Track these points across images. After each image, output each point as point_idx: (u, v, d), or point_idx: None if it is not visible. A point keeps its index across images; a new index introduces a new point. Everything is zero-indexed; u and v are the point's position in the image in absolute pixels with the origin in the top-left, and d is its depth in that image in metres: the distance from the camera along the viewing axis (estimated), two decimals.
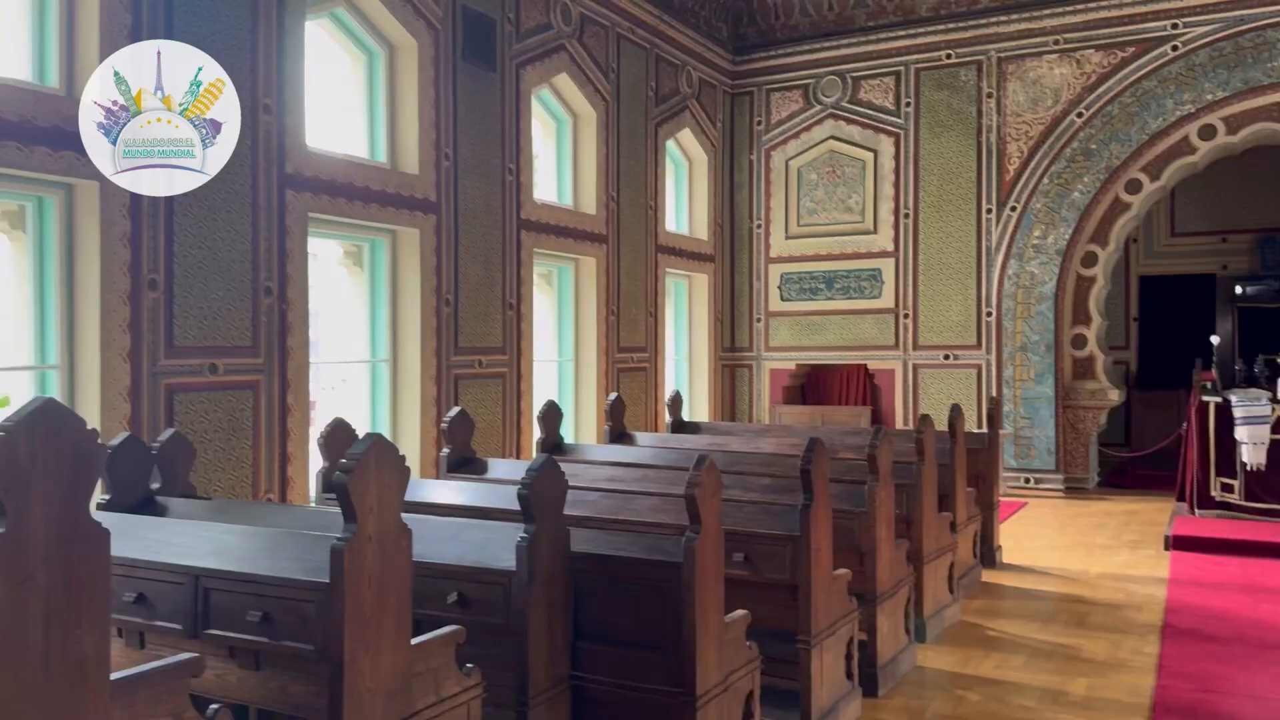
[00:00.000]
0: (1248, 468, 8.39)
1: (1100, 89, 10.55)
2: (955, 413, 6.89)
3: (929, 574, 5.68)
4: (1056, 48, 10.74)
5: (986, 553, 7.30)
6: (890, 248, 11.64)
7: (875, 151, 11.70)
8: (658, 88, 10.91)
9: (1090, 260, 10.91)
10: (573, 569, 3.58)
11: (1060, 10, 10.68)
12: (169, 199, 5.78)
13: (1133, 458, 11.89)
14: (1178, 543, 7.79)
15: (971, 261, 11.21)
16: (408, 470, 2.90)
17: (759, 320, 12.37)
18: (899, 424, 11.42)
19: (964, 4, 11.12)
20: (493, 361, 8.42)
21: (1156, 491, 10.32)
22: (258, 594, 3.08)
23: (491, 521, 4.21)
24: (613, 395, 7.66)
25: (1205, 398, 8.74)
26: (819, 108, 11.98)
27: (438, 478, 6.17)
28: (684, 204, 12.11)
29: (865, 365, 11.84)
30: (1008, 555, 7.61)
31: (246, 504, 5.43)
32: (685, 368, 12.15)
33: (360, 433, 4.51)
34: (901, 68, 11.52)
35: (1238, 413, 8.44)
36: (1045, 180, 10.81)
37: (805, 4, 11.82)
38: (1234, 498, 8.50)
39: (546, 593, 3.42)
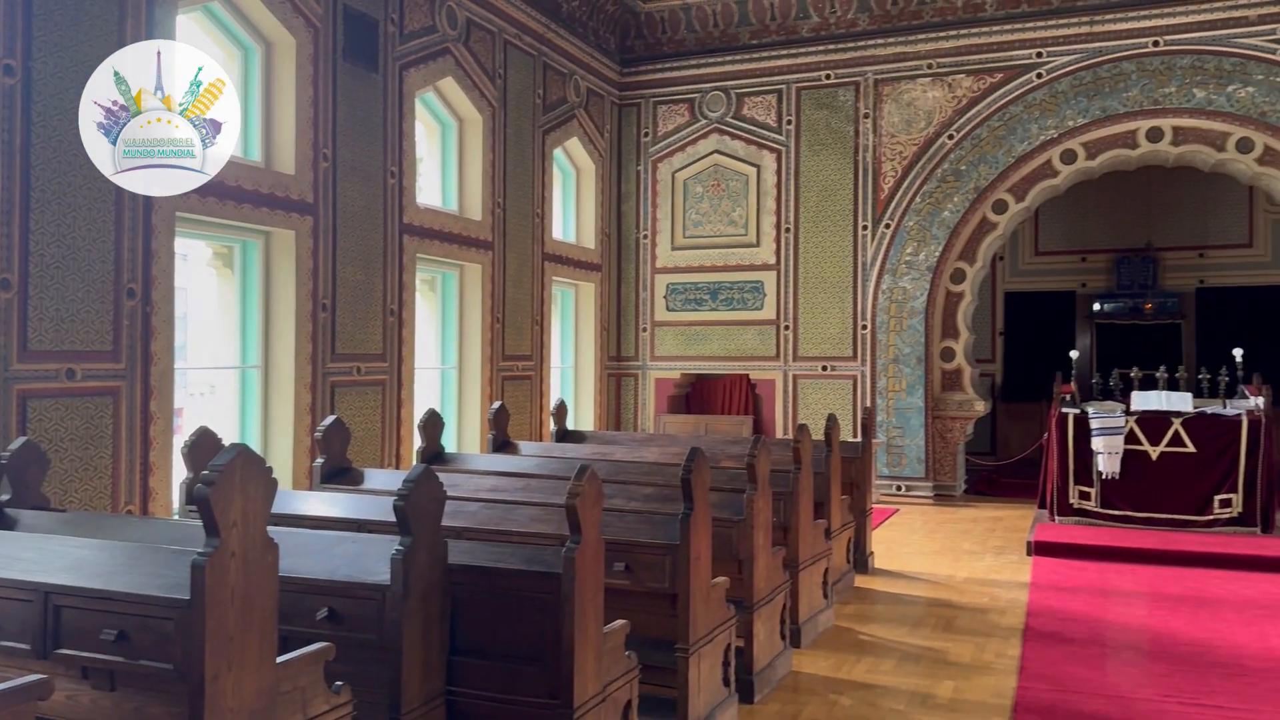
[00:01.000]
0: (1103, 476, 8.87)
1: (970, 112, 11.02)
2: (831, 423, 7.07)
3: (804, 580, 5.80)
4: (930, 71, 11.18)
5: (859, 558, 7.51)
6: (772, 261, 11.88)
7: (758, 166, 11.94)
8: (545, 96, 10.89)
9: (959, 277, 11.37)
10: (450, 582, 3.52)
11: (933, 36, 11.12)
12: (25, 192, 5.47)
13: (998, 466, 12.42)
14: (1039, 548, 8.16)
15: (848, 276, 11.54)
16: (275, 482, 2.80)
17: (645, 330, 12.46)
18: (779, 433, 11.66)
19: (843, 26, 11.47)
20: (372, 369, 8.23)
21: (1020, 499, 10.81)
22: (113, 611, 2.92)
23: (366, 534, 4.11)
24: (496, 404, 7.58)
25: (1065, 410, 9.19)
26: (704, 122, 12.16)
27: (311, 489, 5.99)
28: (571, 213, 12.10)
29: (747, 375, 12.05)
30: (880, 561, 7.85)
31: (104, 516, 5.15)
32: (571, 376, 12.13)
33: (229, 442, 4.34)
34: (783, 86, 11.80)
35: (1094, 424, 8.91)
36: (918, 199, 11.22)
37: (691, 20, 11.99)
38: (1091, 505, 8.97)
39: (422, 606, 3.36)
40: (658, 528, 4.56)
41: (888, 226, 11.37)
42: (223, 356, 7.49)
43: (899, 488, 11.19)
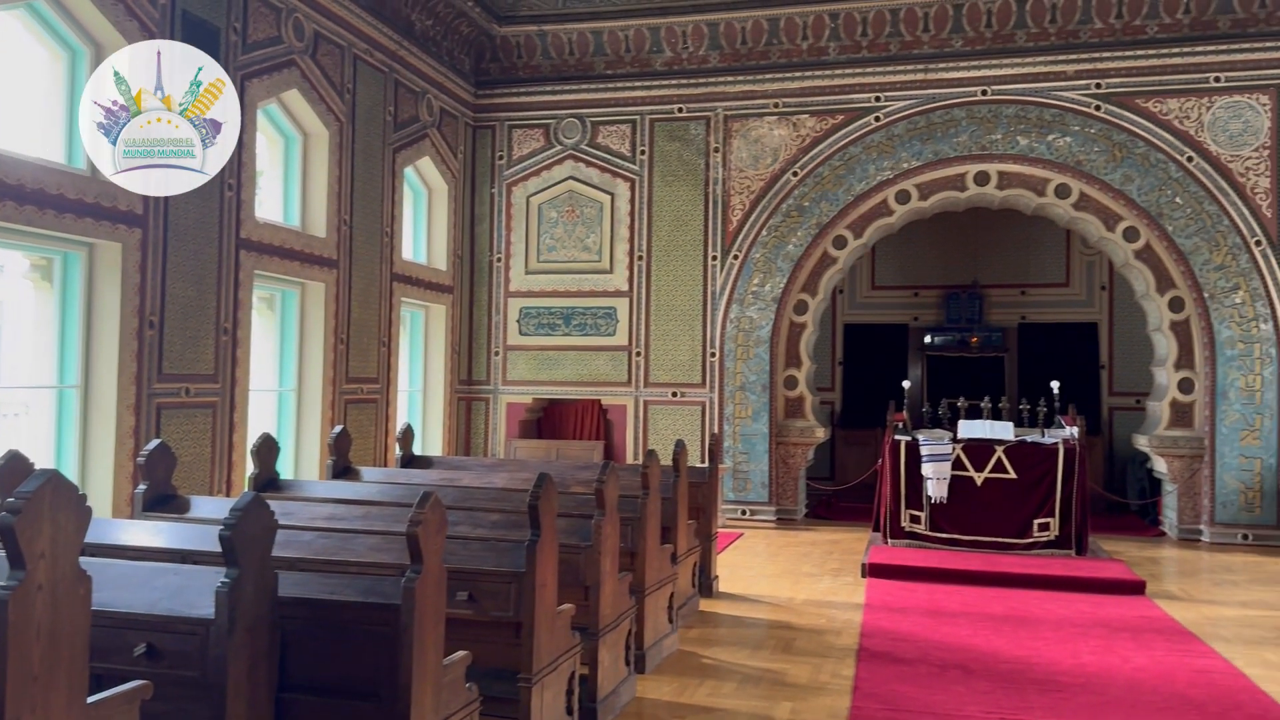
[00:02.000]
0: (933, 501, 9.31)
1: (813, 151, 11.47)
2: (679, 448, 7.17)
3: (650, 605, 5.84)
4: (776, 110, 11.58)
5: (704, 582, 7.62)
6: (625, 288, 12.00)
7: (612, 194, 12.07)
8: (396, 113, 10.69)
9: (802, 308, 11.77)
10: (280, 615, 3.36)
11: (780, 76, 11.54)
12: None
13: (836, 491, 12.87)
14: (873, 570, 8.48)
15: (698, 304, 11.77)
16: (89, 510, 2.62)
17: (497, 353, 12.34)
18: (630, 458, 11.75)
19: (694, 62, 11.76)
20: (202, 390, 7.83)
21: (857, 522, 11.22)
22: None
23: (190, 566, 3.89)
24: (337, 428, 7.33)
25: (897, 437, 9.62)
26: (559, 148, 12.20)
27: (131, 517, 5.63)
28: (422, 233, 11.90)
29: (599, 400, 12.09)
30: (724, 584, 7.98)
31: None
32: (419, 400, 11.87)
33: (41, 467, 4.03)
34: (637, 117, 11.98)
35: (924, 451, 9.35)
36: (764, 232, 11.58)
37: (548, 47, 12.05)
38: (921, 528, 9.39)
39: (249, 641, 3.19)
40: (503, 555, 4.50)
41: (736, 257, 11.67)
42: (39, 375, 6.98)
43: (744, 512, 11.44)
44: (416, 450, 9.90)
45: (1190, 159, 10.45)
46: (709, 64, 11.74)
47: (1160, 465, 10.87)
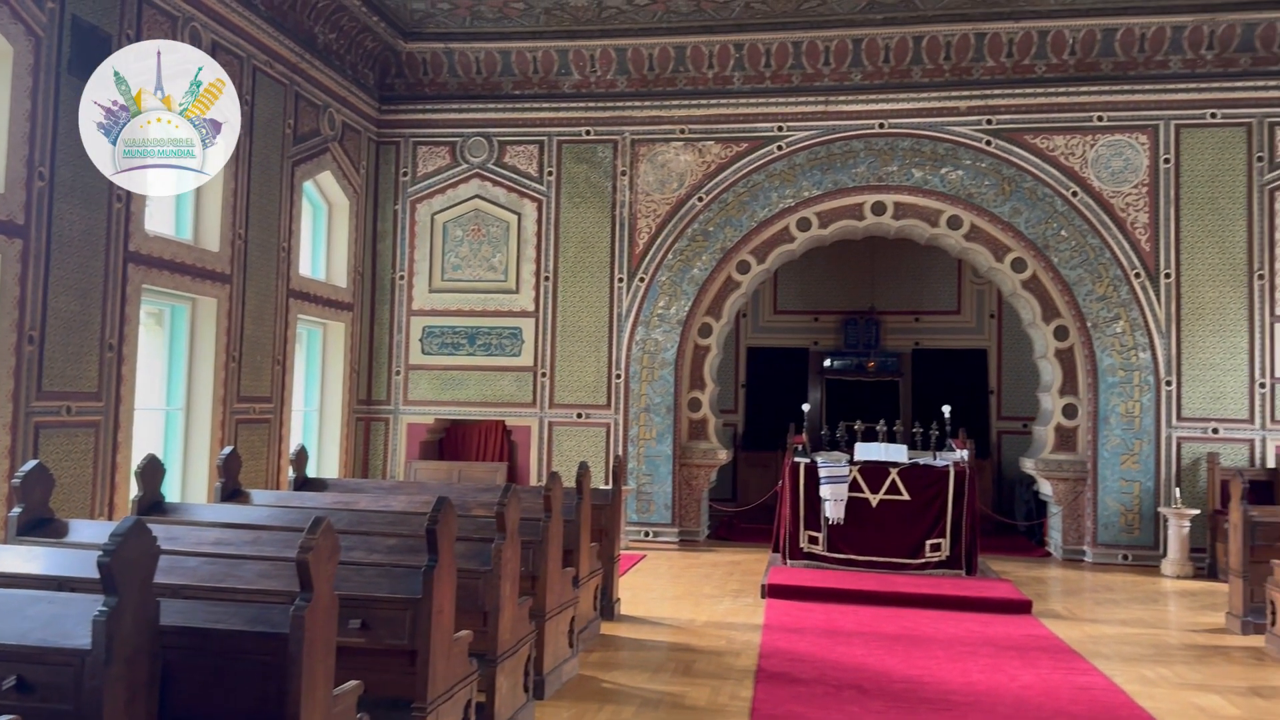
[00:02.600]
0: (830, 522, 9.49)
1: (719, 177, 11.65)
2: (582, 470, 7.15)
3: (551, 630, 5.79)
4: (682, 136, 11.74)
5: (606, 605, 7.59)
6: (531, 308, 11.95)
7: (519, 214, 12.03)
8: (297, 126, 10.47)
9: (706, 331, 11.91)
10: (161, 645, 3.23)
11: (686, 103, 11.70)
12: None
13: (738, 512, 13.00)
14: (772, 591, 8.58)
15: (604, 326, 11.80)
16: None
17: (398, 373, 12.13)
18: (534, 480, 11.67)
19: (603, 86, 11.84)
20: (85, 409, 7.48)
21: (757, 543, 11.35)
22: None
23: (66, 594, 3.70)
24: (227, 449, 7.09)
25: (797, 459, 9.79)
26: (466, 166, 12.12)
27: (4, 542, 5.34)
28: (322, 248, 11.65)
29: (503, 422, 11.99)
30: (626, 607, 7.97)
31: None
32: (315, 420, 11.58)
33: None
34: (545, 138, 11.99)
35: (822, 473, 9.54)
36: (670, 256, 11.69)
37: (454, 65, 11.97)
38: (819, 549, 9.56)
39: (127, 673, 3.05)
40: (399, 581, 4.41)
41: (642, 280, 11.74)
42: None
43: (647, 533, 11.46)
44: (311, 472, 9.67)
45: (1075, 194, 10.96)
46: (617, 88, 11.83)
47: (1046, 488, 11.30)
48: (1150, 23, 10.56)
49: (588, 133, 11.92)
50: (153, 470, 6.17)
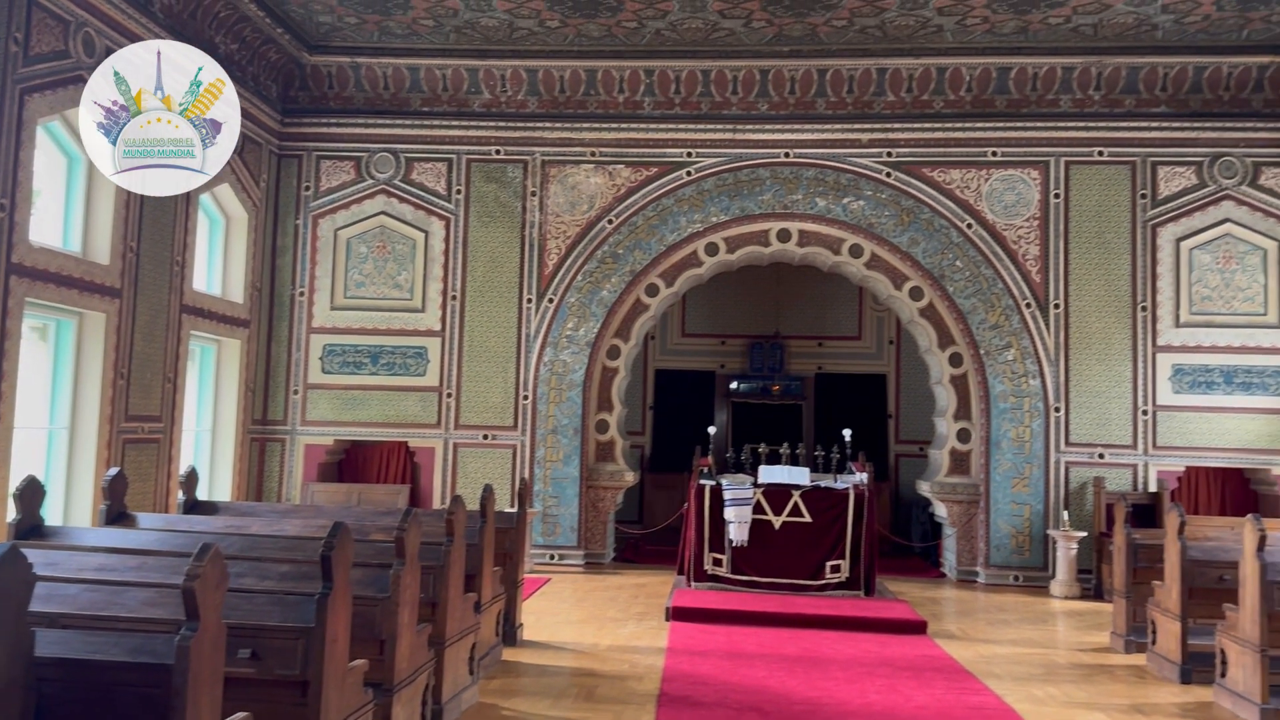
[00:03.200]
0: (734, 544, 9.57)
1: (629, 200, 11.72)
2: (487, 493, 7.07)
3: (450, 657, 5.68)
4: (593, 159, 11.78)
5: (509, 631, 7.50)
6: (437, 327, 11.80)
7: (426, 232, 11.88)
8: None
9: (615, 353, 11.93)
10: (36, 677, 3.06)
11: (597, 126, 11.76)
12: None
13: (644, 534, 13.00)
14: (676, 614, 8.60)
15: (512, 347, 11.72)
16: None
17: (296, 392, 11.81)
18: (437, 502, 11.48)
19: (513, 106, 11.81)
20: None
21: (663, 565, 11.37)
22: None
23: None
24: (113, 470, 6.79)
25: (703, 481, 9.85)
26: (371, 182, 11.93)
27: None
28: (218, 263, 11.29)
29: (406, 443, 11.78)
30: (529, 632, 7.88)
31: None
32: (208, 441, 11.18)
33: None
34: (454, 156, 11.89)
35: (727, 495, 9.62)
36: (579, 277, 11.69)
37: (361, 79, 11.80)
38: (723, 571, 9.62)
39: None
40: (291, 609, 4.27)
41: (551, 301, 11.71)
42: None
43: (552, 556, 11.38)
44: (202, 495, 9.35)
45: (970, 226, 11.35)
46: (528, 109, 11.82)
47: (941, 510, 11.61)
48: (1042, 63, 11.04)
49: (498, 152, 11.87)
50: (32, 492, 5.86)
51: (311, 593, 4.25)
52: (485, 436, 11.67)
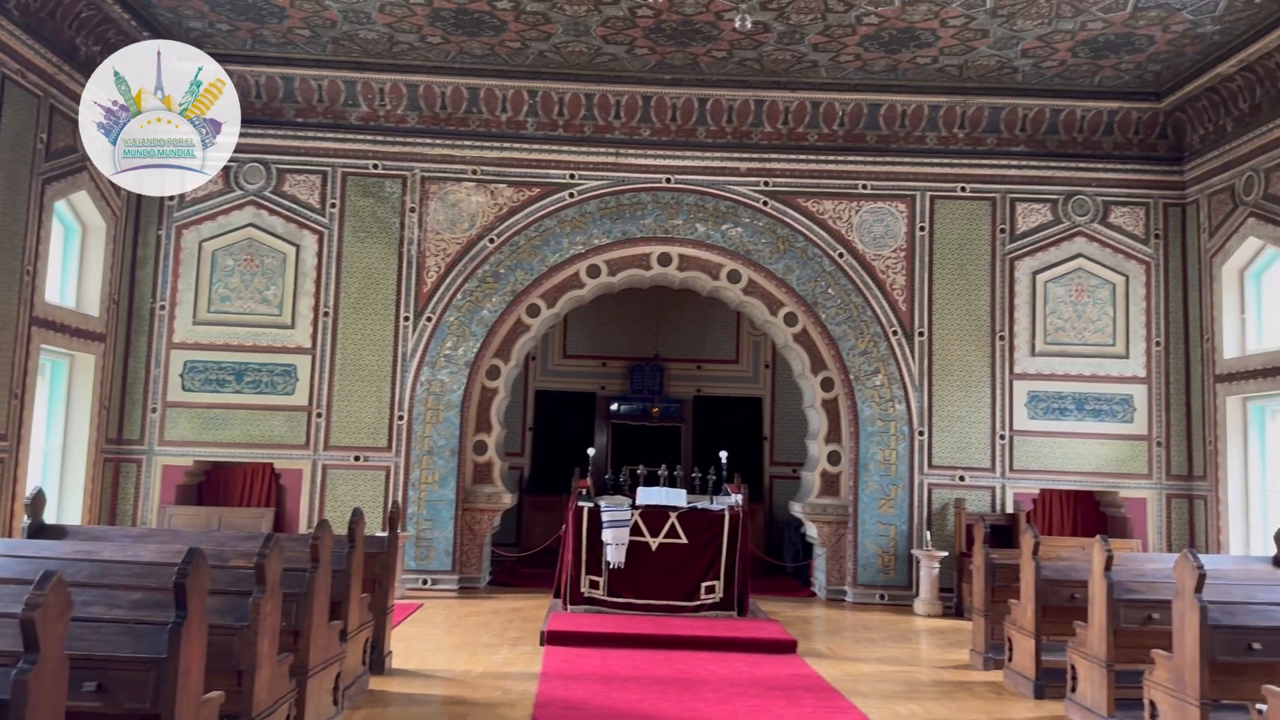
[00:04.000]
0: (611, 566, 9.56)
1: (511, 220, 11.66)
2: (355, 517, 6.88)
3: (314, 687, 5.49)
4: (474, 177, 11.68)
5: (376, 659, 7.28)
6: (308, 345, 11.45)
7: (298, 246, 11.54)
8: (50, 141, 9.61)
9: (494, 373, 11.81)
10: None
11: (478, 144, 11.68)
12: None
13: (520, 557, 12.87)
14: (551, 638, 8.52)
15: (388, 365, 11.47)
16: None
17: (154, 410, 11.27)
18: (304, 527, 11.11)
19: (392, 120, 11.62)
20: None
21: (540, 588, 11.26)
22: None
23: None
24: None
25: (581, 503, 9.82)
26: (240, 192, 11.52)
27: None
28: (72, 274, 10.69)
29: (272, 464, 11.36)
30: (398, 660, 7.68)
31: None
32: (58, 460, 10.53)
33: None
34: (329, 168, 11.61)
35: (605, 517, 9.62)
36: (459, 296, 11.55)
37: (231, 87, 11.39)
38: (600, 593, 9.59)
39: None
40: (142, 639, 4.05)
41: (429, 319, 11.52)
42: None
43: (425, 581, 11.13)
44: (50, 518, 8.80)
45: (841, 255, 11.71)
46: (407, 123, 11.64)
47: (812, 530, 11.88)
48: (910, 100, 11.51)
49: (375, 166, 11.64)
50: None
51: (164, 621, 4.05)
52: (357, 458, 11.37)
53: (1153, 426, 11.56)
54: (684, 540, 9.69)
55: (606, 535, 9.58)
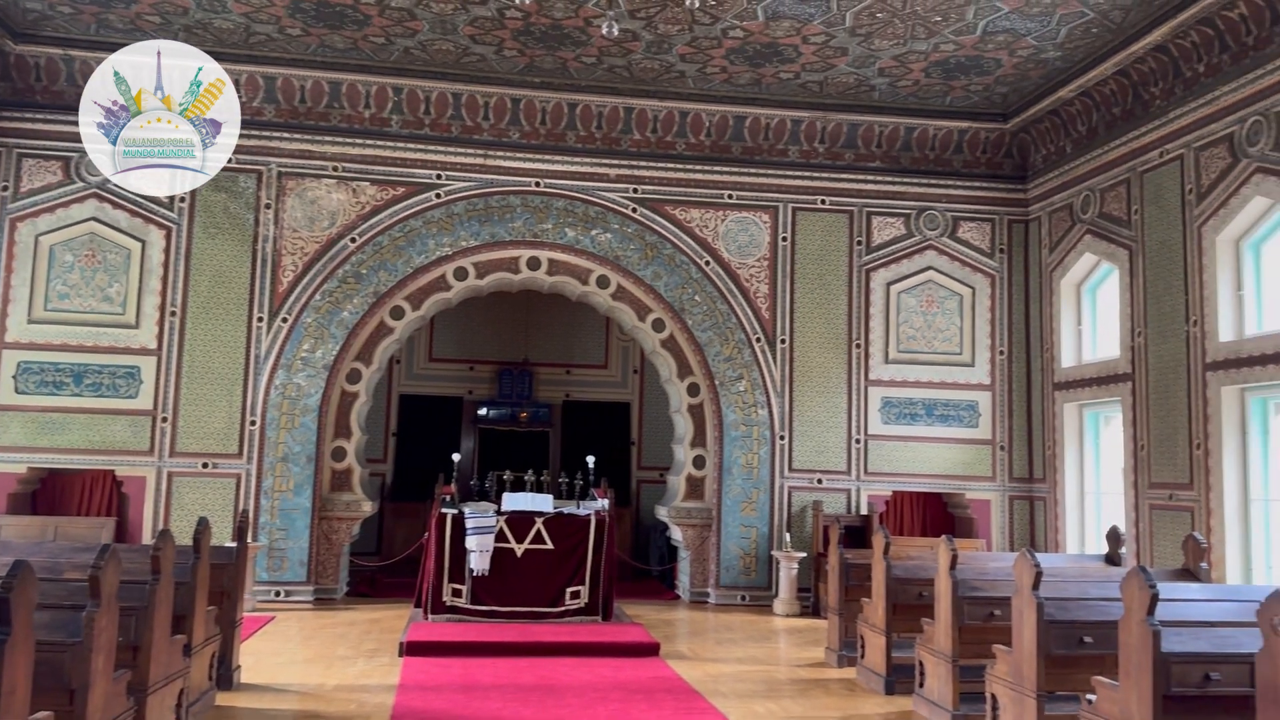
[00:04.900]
0: (475, 573, 9.43)
1: (374, 219, 11.37)
2: (201, 526, 6.58)
3: (154, 705, 5.21)
4: (335, 174, 11.35)
5: (224, 674, 6.97)
6: (153, 345, 10.89)
7: (144, 242, 10.97)
8: None
9: (355, 377, 11.49)
10: None
11: (340, 140, 11.35)
12: None
13: (381, 566, 12.55)
14: (411, 648, 8.33)
15: (240, 368, 11.01)
16: None
17: None
18: (148, 537, 10.54)
19: (248, 112, 11.12)
20: None
21: (401, 598, 11.00)
22: None
23: None
24: None
25: (444, 510, 9.65)
26: (81, 185, 10.86)
27: None
28: None
29: (113, 471, 10.75)
30: (248, 674, 7.37)
31: None
32: None
33: None
34: None
35: (469, 523, 9.48)
36: (318, 296, 11.19)
37: (74, 73, 10.72)
38: (462, 602, 9.45)
39: None
40: None
41: (285, 320, 11.12)
42: None
43: (279, 593, 10.73)
44: None
45: (708, 263, 11.90)
46: (264, 116, 11.21)
47: (677, 534, 12.02)
48: (774, 114, 11.80)
49: (229, 160, 11.15)
50: None
51: None
52: (205, 465, 10.87)
53: (996, 431, 12.17)
54: (550, 546, 9.64)
55: (470, 542, 9.44)
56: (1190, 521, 9.34)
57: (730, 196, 12.05)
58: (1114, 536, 8.24)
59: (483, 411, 15.32)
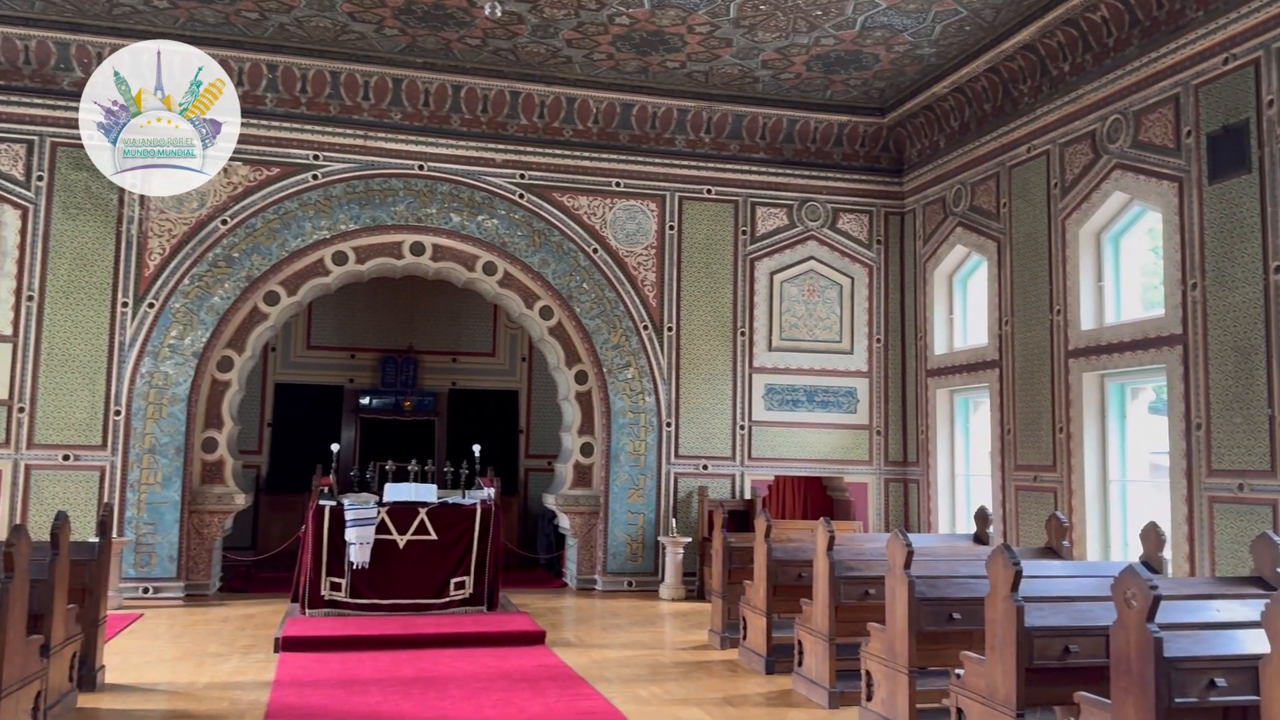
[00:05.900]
0: (355, 566, 9.21)
1: (246, 201, 10.95)
2: (59, 521, 6.24)
3: (8, 708, 4.93)
4: None
5: (86, 675, 6.63)
6: (8, 331, 10.27)
7: None
8: None
9: (227, 365, 11.06)
10: None
11: None
12: None
13: (256, 560, 12.16)
14: (287, 644, 8.08)
15: (103, 356, 10.48)
16: None
17: None
18: (3, 533, 9.91)
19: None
20: None
21: (277, 593, 10.68)
22: None
23: None
24: None
25: (322, 502, 9.39)
26: None
27: None
28: None
29: None
30: (113, 675, 7.04)
31: None
32: None
33: None
34: (36, 137, 10.44)
35: (349, 515, 9.25)
36: (187, 281, 10.73)
37: None
38: (341, 595, 9.22)
39: None
40: None
41: (152, 306, 10.63)
42: None
43: (147, 590, 10.28)
44: None
45: (596, 250, 11.88)
46: None
47: (565, 521, 12.01)
48: (660, 103, 11.85)
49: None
50: None
51: None
52: (66, 457, 10.32)
53: (873, 417, 12.54)
54: (434, 537, 9.50)
55: (350, 534, 9.22)
56: (1054, 501, 9.82)
57: (618, 184, 12.06)
58: (982, 517, 8.60)
59: (365, 401, 14.97)
